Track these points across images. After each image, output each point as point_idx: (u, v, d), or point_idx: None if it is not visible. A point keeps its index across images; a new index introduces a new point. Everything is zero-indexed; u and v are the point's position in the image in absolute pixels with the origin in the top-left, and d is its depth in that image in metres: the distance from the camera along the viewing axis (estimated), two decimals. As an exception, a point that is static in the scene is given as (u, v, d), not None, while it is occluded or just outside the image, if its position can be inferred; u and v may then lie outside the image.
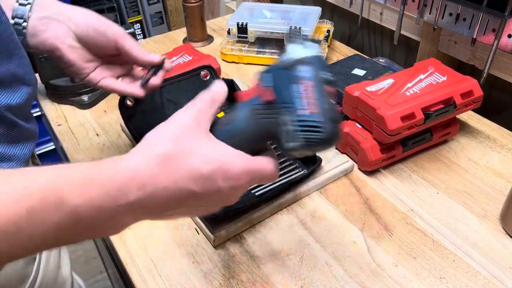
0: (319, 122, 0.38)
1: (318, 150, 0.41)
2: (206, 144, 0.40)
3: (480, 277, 0.56)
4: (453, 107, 0.69)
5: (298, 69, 0.40)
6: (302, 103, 0.39)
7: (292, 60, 0.40)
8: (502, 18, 0.73)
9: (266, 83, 0.42)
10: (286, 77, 0.40)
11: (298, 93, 0.39)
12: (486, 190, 0.68)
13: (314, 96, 0.39)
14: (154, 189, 0.36)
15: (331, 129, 0.39)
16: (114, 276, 1.30)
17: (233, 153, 0.40)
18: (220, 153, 0.39)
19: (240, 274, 0.57)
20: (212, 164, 0.38)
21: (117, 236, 0.63)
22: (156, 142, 0.39)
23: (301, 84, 0.39)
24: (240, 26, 1.01)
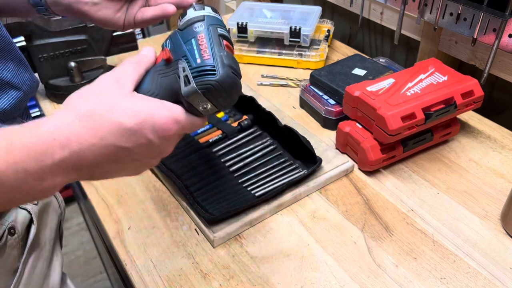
0: (211, 66, 0.41)
1: (215, 97, 0.42)
2: (129, 99, 0.40)
3: (481, 277, 0.56)
4: (454, 107, 0.69)
5: (192, 27, 0.44)
6: (195, 54, 0.42)
7: (187, 20, 0.44)
8: (502, 18, 0.72)
9: (166, 46, 0.45)
10: (181, 36, 0.44)
11: (191, 46, 0.42)
12: (486, 191, 0.68)
13: (206, 46, 0.42)
14: (79, 147, 0.37)
15: (224, 72, 0.41)
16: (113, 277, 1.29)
17: (157, 104, 0.40)
18: (144, 105, 0.39)
19: (240, 275, 0.57)
20: (136, 117, 0.38)
21: (116, 237, 0.63)
22: (77, 101, 0.39)
23: (194, 38, 0.43)
24: (240, 26, 1.01)
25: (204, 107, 0.42)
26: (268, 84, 0.96)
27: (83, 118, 0.37)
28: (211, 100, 0.42)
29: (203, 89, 0.41)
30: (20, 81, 0.52)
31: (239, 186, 0.66)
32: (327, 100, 0.82)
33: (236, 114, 0.82)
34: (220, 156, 0.72)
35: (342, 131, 0.73)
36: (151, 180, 0.72)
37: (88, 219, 1.43)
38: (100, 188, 0.71)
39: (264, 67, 1.02)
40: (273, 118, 0.74)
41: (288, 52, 1.00)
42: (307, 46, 1.00)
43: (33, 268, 0.55)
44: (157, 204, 0.68)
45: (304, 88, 0.86)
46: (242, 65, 1.03)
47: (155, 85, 0.43)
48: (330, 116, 0.80)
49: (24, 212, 0.54)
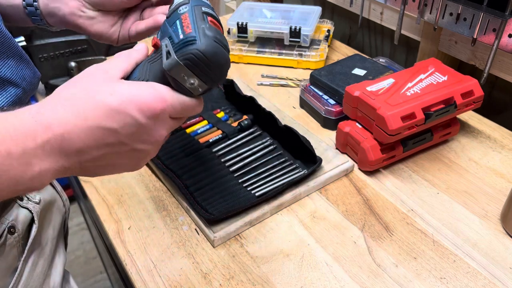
0: (192, 37, 0.40)
1: (200, 68, 0.40)
2: (114, 83, 0.39)
3: (481, 277, 0.56)
4: (454, 107, 0.69)
5: (177, 11, 0.44)
6: (178, 32, 0.41)
7: (173, 9, 0.45)
8: (502, 18, 0.73)
9: (157, 36, 0.45)
10: (167, 23, 0.44)
11: (176, 27, 0.42)
12: (486, 190, 0.68)
13: (189, 22, 0.41)
14: (63, 129, 0.36)
15: (206, 40, 0.39)
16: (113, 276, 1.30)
17: (143, 84, 0.40)
18: (129, 86, 0.39)
19: (240, 274, 0.57)
20: (120, 96, 0.38)
21: (117, 236, 0.63)
22: (61, 88, 0.39)
23: (179, 19, 0.42)
24: (240, 26, 1.01)
25: (191, 83, 0.40)
26: (268, 84, 0.96)
27: (66, 101, 0.37)
28: (196, 73, 0.40)
29: (185, 59, 0.39)
30: (20, 78, 0.51)
31: (239, 186, 0.67)
32: (327, 100, 0.82)
33: (236, 114, 0.82)
34: (220, 156, 0.72)
35: (342, 131, 0.73)
36: (151, 180, 0.72)
37: (88, 219, 1.43)
38: (100, 187, 0.71)
39: (264, 67, 1.02)
40: (273, 118, 0.74)
41: (288, 52, 1.00)
42: (307, 46, 1.00)
43: (33, 267, 0.55)
44: (157, 204, 0.68)
45: (304, 88, 0.86)
46: (242, 65, 1.04)
47: (144, 72, 0.43)
48: (330, 116, 0.80)
49: (25, 211, 0.53)
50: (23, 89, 0.52)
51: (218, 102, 0.85)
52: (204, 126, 0.78)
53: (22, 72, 0.52)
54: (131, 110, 0.38)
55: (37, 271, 0.56)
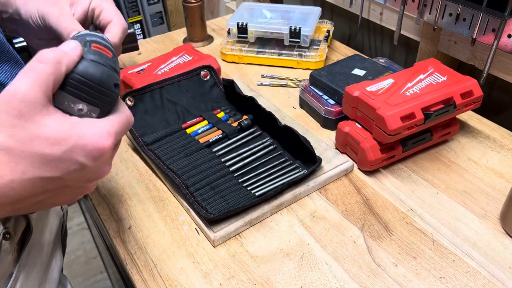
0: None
1: (82, 91, 0.37)
2: (47, 121, 0.34)
3: (480, 277, 0.56)
4: (453, 107, 0.69)
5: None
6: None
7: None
8: (502, 18, 0.73)
9: None
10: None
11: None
12: (486, 190, 0.68)
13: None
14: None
15: (83, 62, 0.37)
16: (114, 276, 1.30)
17: (84, 122, 0.36)
18: (71, 126, 0.35)
19: (240, 274, 0.57)
20: (62, 144, 0.34)
21: (117, 236, 0.63)
22: None
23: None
24: (240, 26, 1.01)
25: (79, 109, 0.37)
26: (268, 84, 0.96)
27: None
28: (79, 97, 0.37)
29: (62, 85, 0.37)
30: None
31: (239, 186, 0.67)
32: (326, 100, 0.82)
33: (236, 114, 0.82)
34: (220, 156, 0.72)
35: (342, 131, 0.73)
36: (151, 180, 0.73)
37: (89, 218, 1.43)
38: (101, 187, 0.72)
39: (264, 67, 1.02)
40: (273, 118, 0.74)
41: (288, 52, 1.01)
42: (307, 46, 1.01)
43: (29, 273, 0.53)
44: (157, 204, 0.68)
45: (304, 88, 0.86)
46: (242, 65, 1.04)
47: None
48: (329, 116, 0.81)
49: (21, 216, 0.52)
50: None
51: (218, 102, 0.85)
52: (204, 126, 0.78)
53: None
54: (77, 156, 0.34)
55: (32, 276, 0.54)
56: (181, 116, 0.81)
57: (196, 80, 0.86)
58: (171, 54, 0.95)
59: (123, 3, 1.99)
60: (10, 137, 0.33)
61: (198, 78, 0.86)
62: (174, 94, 0.83)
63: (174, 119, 0.80)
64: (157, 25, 2.12)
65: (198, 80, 0.86)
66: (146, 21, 2.09)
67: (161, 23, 2.12)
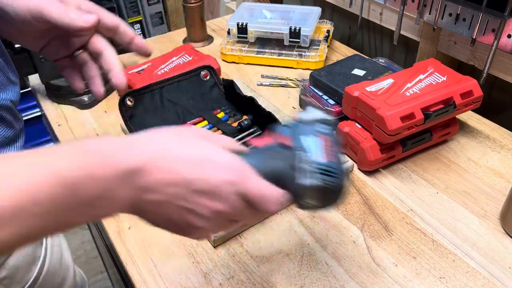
0: (335, 169, 0.41)
1: (329, 198, 0.42)
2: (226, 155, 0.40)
3: (480, 277, 0.56)
4: (453, 107, 0.69)
5: (318, 126, 0.44)
6: (320, 151, 0.42)
7: (312, 118, 0.44)
8: (501, 18, 0.73)
9: (284, 133, 0.44)
10: (305, 130, 0.43)
11: (316, 143, 0.42)
12: (485, 190, 0.68)
13: (330, 149, 0.42)
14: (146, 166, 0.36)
15: (344, 180, 0.41)
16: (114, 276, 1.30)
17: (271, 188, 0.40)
18: (258, 182, 0.40)
19: (240, 274, 0.57)
20: (255, 187, 0.39)
21: (117, 236, 0.63)
22: (175, 144, 0.39)
23: (320, 137, 0.43)
24: (240, 26, 1.01)
25: (308, 202, 0.42)
26: (268, 84, 0.96)
27: (179, 160, 0.38)
28: (320, 199, 0.42)
29: (322, 187, 0.40)
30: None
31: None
32: (326, 100, 0.82)
33: (236, 114, 0.82)
34: (220, 156, 0.72)
35: (342, 131, 0.73)
36: (152, 180, 0.72)
37: (89, 219, 1.42)
38: (101, 188, 0.72)
39: (264, 67, 1.02)
40: (273, 118, 0.74)
41: (288, 52, 1.01)
42: (307, 46, 1.01)
43: (52, 243, 0.60)
44: (158, 204, 0.68)
45: (304, 88, 0.86)
46: (242, 65, 1.04)
47: (262, 163, 0.41)
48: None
49: None
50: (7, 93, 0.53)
51: (218, 102, 0.85)
52: (204, 126, 0.78)
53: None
54: (234, 187, 0.39)
55: (55, 245, 0.61)
56: (181, 116, 0.81)
57: (196, 80, 0.86)
58: (171, 55, 0.95)
59: (123, 3, 1.99)
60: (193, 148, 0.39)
61: (198, 78, 0.86)
62: (174, 94, 0.83)
63: (174, 119, 0.80)
64: (157, 25, 2.12)
65: (198, 80, 0.86)
66: (146, 21, 2.09)
67: (161, 23, 2.12)
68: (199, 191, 0.38)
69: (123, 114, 0.75)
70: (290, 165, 0.41)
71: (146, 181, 0.36)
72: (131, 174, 0.35)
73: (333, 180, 0.41)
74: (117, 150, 0.35)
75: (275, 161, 0.42)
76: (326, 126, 0.44)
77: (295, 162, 0.41)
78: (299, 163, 0.41)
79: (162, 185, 0.37)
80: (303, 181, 0.40)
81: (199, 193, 0.38)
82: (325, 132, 0.43)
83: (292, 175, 0.41)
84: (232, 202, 0.40)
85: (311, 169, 0.40)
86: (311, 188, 0.40)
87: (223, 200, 0.39)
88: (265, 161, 0.42)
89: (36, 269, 0.56)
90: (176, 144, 0.39)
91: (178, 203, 0.38)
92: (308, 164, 0.41)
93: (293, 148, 0.42)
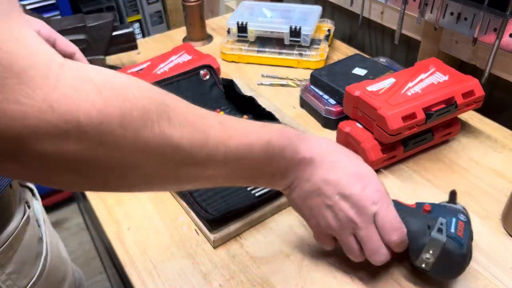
0: (462, 242, 0.50)
1: (445, 260, 0.50)
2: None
3: (482, 277, 0.55)
4: (455, 107, 0.69)
5: (457, 211, 0.54)
6: (452, 226, 0.51)
7: (455, 208, 0.55)
8: (503, 18, 0.72)
9: (428, 206, 0.55)
10: (447, 209, 0.54)
11: (451, 220, 0.52)
12: (487, 191, 0.68)
13: (463, 230, 0.52)
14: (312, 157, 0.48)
15: (467, 255, 0.50)
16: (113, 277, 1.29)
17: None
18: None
19: (240, 275, 0.57)
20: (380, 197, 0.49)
21: (116, 237, 0.63)
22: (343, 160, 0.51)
23: (456, 218, 0.52)
24: (240, 25, 1.01)
25: (427, 257, 0.50)
26: (268, 84, 0.95)
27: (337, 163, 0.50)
28: (437, 258, 0.50)
29: (447, 247, 0.49)
30: None
31: (239, 186, 0.66)
32: (327, 100, 0.82)
33: (236, 114, 0.81)
34: (220, 156, 0.72)
35: (343, 131, 0.73)
36: (151, 180, 0.72)
37: (88, 220, 1.42)
38: (100, 188, 0.71)
39: (264, 67, 1.02)
40: (273, 118, 0.74)
41: (288, 51, 1.00)
42: (307, 45, 1.00)
43: (50, 238, 0.62)
44: (157, 205, 0.68)
45: (304, 88, 0.86)
46: (242, 64, 1.03)
47: (402, 213, 0.52)
48: (330, 116, 0.80)
49: (27, 189, 0.62)
50: None
51: (218, 102, 0.85)
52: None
53: None
54: (373, 205, 0.48)
55: (53, 241, 0.64)
56: (181, 116, 0.80)
57: (196, 79, 0.85)
58: (170, 54, 0.95)
59: (122, 2, 1.98)
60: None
61: (197, 78, 0.85)
62: (174, 94, 0.82)
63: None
64: (156, 24, 2.11)
65: (198, 79, 0.85)
66: (145, 20, 2.09)
67: (161, 22, 2.12)
68: (346, 196, 0.48)
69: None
70: (428, 225, 0.51)
71: (311, 170, 0.48)
72: (305, 161, 0.48)
73: (456, 246, 0.49)
74: (299, 142, 0.48)
75: (416, 218, 0.52)
76: (465, 217, 0.53)
77: (434, 223, 0.51)
78: (437, 224, 0.51)
79: (320, 181, 0.48)
80: (434, 234, 0.50)
81: (345, 197, 0.48)
82: (463, 220, 0.53)
83: (425, 231, 0.51)
84: (366, 216, 0.48)
85: (443, 229, 0.50)
86: (437, 243, 0.49)
87: (359, 212, 0.48)
88: (407, 214, 0.52)
89: (40, 264, 0.58)
90: (339, 151, 0.51)
91: (322, 199, 0.48)
92: (443, 225, 0.51)
93: (435, 216, 0.52)
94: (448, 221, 0.52)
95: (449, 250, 0.49)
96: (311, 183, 0.48)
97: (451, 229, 0.51)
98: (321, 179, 0.48)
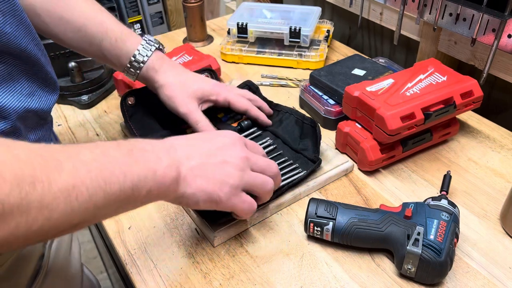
0: (441, 247, 0.52)
1: (424, 270, 0.52)
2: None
3: (480, 277, 0.56)
4: (453, 107, 0.69)
5: (440, 211, 0.55)
6: (432, 231, 0.53)
7: (438, 205, 0.56)
8: (502, 18, 0.73)
9: (410, 207, 0.57)
10: (427, 211, 0.56)
11: (431, 224, 0.54)
12: (486, 190, 0.68)
13: (443, 233, 0.53)
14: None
15: (445, 260, 0.52)
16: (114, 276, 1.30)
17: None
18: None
19: (240, 274, 0.57)
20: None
21: (117, 236, 0.63)
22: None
23: (437, 220, 0.54)
24: (240, 26, 1.01)
25: (408, 267, 0.53)
26: (268, 84, 0.96)
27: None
28: (419, 268, 0.52)
29: (423, 258, 0.52)
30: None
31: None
32: (326, 100, 0.82)
33: (236, 114, 0.82)
34: (220, 156, 0.72)
35: (342, 131, 0.73)
36: (152, 180, 0.72)
37: (88, 219, 1.42)
38: (101, 188, 0.72)
39: (264, 67, 1.02)
40: (273, 118, 0.74)
41: (288, 52, 1.01)
42: (307, 46, 1.01)
43: (56, 252, 0.62)
44: (157, 204, 0.68)
45: (304, 88, 0.86)
46: (242, 65, 1.04)
47: (384, 224, 0.56)
48: (329, 116, 0.81)
49: None
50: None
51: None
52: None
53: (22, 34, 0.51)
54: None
55: (63, 246, 0.65)
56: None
57: (196, 80, 0.85)
58: (171, 54, 0.95)
59: (123, 3, 1.99)
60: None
61: (198, 78, 0.85)
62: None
63: (174, 119, 0.80)
64: (157, 25, 2.12)
65: (198, 80, 0.85)
66: (146, 21, 2.09)
67: (161, 23, 2.13)
68: (219, 147, 0.52)
69: (124, 113, 0.75)
70: (407, 234, 0.54)
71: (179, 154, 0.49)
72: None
73: (433, 255, 0.51)
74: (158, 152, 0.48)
75: (396, 226, 0.55)
76: (448, 215, 0.55)
77: (412, 232, 0.53)
78: (415, 235, 0.53)
79: (193, 153, 0.51)
80: (409, 248, 0.52)
81: (220, 148, 0.52)
82: (446, 219, 0.54)
83: (404, 242, 0.53)
84: (243, 148, 0.54)
85: (419, 240, 0.52)
86: (414, 256, 0.52)
87: (238, 149, 0.53)
88: (390, 221, 0.55)
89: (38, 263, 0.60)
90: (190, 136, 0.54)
91: (211, 160, 0.51)
92: (420, 236, 0.52)
93: (415, 222, 0.54)
94: (428, 226, 0.54)
95: (426, 260, 0.52)
96: (191, 159, 0.50)
97: (430, 235, 0.53)
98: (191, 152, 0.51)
